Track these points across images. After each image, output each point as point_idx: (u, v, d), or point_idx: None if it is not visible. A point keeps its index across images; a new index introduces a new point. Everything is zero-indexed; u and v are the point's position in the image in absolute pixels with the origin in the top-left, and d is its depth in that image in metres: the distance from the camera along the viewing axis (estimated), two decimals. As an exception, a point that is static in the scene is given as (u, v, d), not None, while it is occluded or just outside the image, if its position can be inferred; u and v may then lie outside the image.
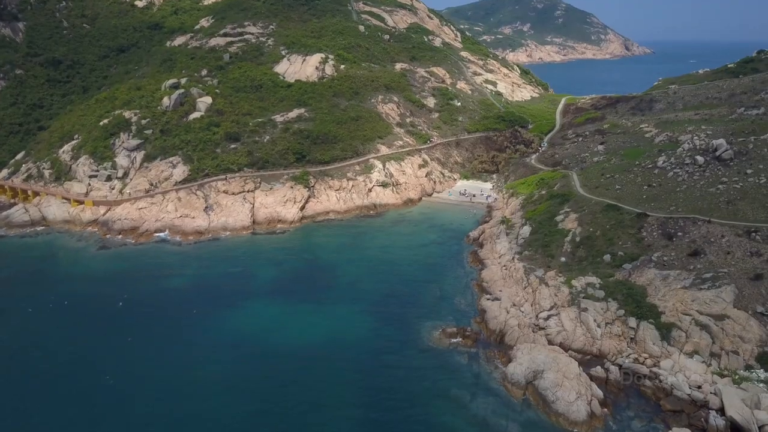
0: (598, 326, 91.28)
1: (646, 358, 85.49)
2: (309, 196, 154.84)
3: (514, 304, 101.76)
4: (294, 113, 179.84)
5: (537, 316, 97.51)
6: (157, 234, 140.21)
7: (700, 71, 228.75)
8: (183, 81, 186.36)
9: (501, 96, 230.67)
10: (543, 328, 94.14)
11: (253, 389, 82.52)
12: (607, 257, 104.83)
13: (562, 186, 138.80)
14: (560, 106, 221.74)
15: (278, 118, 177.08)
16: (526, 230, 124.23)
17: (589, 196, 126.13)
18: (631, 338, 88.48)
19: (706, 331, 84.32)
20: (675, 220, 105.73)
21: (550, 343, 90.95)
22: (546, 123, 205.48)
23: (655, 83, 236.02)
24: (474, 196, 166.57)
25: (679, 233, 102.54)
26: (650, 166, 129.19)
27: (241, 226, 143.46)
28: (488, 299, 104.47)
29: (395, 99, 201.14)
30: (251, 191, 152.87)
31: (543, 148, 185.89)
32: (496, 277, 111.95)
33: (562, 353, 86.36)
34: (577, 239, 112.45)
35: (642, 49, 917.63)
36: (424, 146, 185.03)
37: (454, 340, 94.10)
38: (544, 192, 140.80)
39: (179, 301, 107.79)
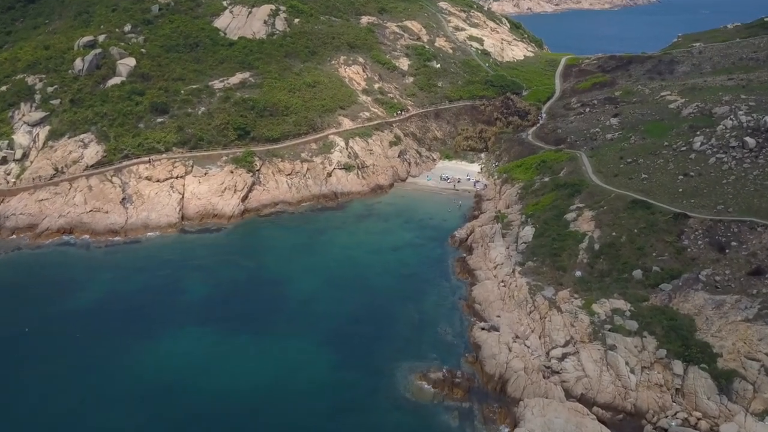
0: (632, 372, 78.32)
1: (699, 419, 72.72)
2: (253, 183, 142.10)
3: (517, 336, 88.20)
4: (236, 78, 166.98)
5: (548, 354, 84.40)
6: (60, 234, 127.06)
7: (730, 26, 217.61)
8: (101, 38, 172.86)
9: (488, 56, 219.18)
10: (557, 372, 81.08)
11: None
12: (637, 273, 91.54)
13: (570, 172, 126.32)
14: (560, 68, 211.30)
15: (217, 84, 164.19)
16: (528, 232, 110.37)
17: (607, 188, 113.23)
18: (677, 389, 75.99)
19: (781, 384, 70.78)
20: (726, 224, 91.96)
21: (568, 394, 77.73)
22: (544, 89, 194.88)
23: (674, 40, 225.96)
24: (458, 181, 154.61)
25: (733, 242, 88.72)
26: (684, 148, 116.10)
27: (167, 222, 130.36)
28: (483, 329, 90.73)
29: (361, 60, 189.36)
30: (181, 177, 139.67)
31: (542, 121, 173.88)
32: (492, 297, 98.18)
33: (588, 415, 72.66)
34: (596, 247, 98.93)
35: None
36: (397, 118, 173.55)
37: (440, 390, 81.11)
38: (547, 179, 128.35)
39: (81, 328, 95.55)
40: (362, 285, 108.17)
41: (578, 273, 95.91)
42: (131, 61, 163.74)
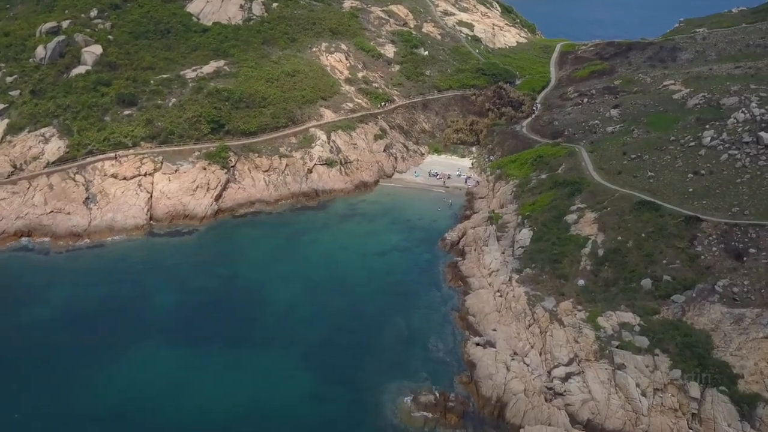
0: (643, 394, 74.50)
1: (719, 449, 68.46)
2: (228, 181, 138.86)
3: (516, 353, 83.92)
4: (210, 67, 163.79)
5: (550, 372, 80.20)
6: (17, 237, 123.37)
7: (734, 10, 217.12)
8: (65, 24, 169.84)
9: (479, 42, 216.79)
10: (561, 395, 76.94)
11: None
12: (646, 282, 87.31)
13: (569, 168, 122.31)
14: (555, 55, 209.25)
15: (189, 73, 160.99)
16: (525, 235, 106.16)
17: (611, 186, 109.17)
18: (694, 414, 72.08)
19: (810, 410, 66.72)
20: (742, 228, 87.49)
21: (573, 419, 73.93)
22: (538, 77, 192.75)
23: (676, 25, 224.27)
24: (449, 177, 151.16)
25: (752, 249, 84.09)
26: (693, 143, 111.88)
27: (134, 224, 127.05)
28: (478, 344, 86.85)
29: (344, 47, 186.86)
30: (149, 174, 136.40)
31: (536, 112, 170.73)
32: (488, 308, 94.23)
33: (597, 446, 67.11)
34: (600, 252, 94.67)
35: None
36: (382, 110, 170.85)
37: (432, 415, 77.37)
38: (544, 176, 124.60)
39: (38, 341, 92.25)
40: (345, 293, 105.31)
41: (581, 282, 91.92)
42: (97, 49, 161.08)
